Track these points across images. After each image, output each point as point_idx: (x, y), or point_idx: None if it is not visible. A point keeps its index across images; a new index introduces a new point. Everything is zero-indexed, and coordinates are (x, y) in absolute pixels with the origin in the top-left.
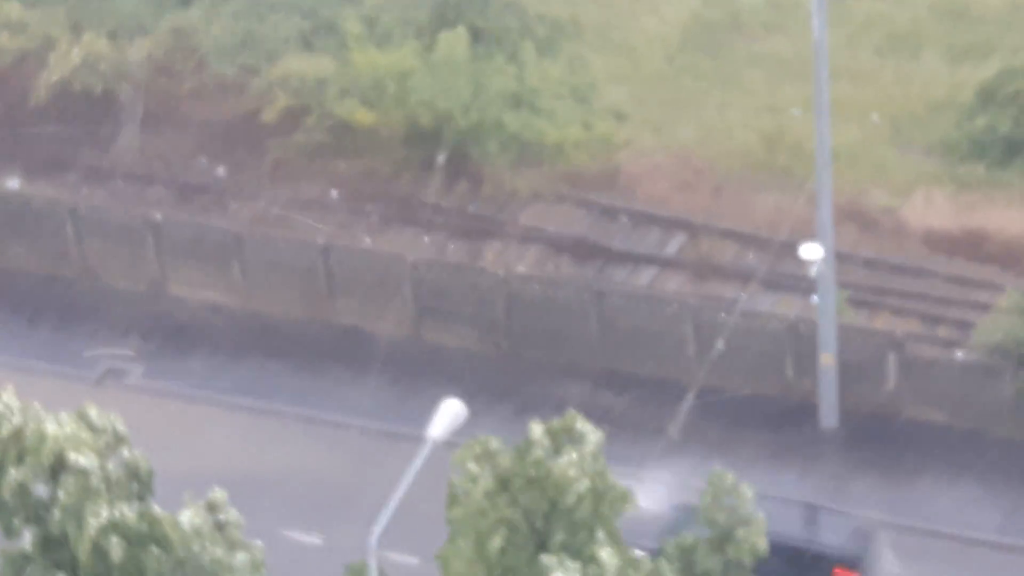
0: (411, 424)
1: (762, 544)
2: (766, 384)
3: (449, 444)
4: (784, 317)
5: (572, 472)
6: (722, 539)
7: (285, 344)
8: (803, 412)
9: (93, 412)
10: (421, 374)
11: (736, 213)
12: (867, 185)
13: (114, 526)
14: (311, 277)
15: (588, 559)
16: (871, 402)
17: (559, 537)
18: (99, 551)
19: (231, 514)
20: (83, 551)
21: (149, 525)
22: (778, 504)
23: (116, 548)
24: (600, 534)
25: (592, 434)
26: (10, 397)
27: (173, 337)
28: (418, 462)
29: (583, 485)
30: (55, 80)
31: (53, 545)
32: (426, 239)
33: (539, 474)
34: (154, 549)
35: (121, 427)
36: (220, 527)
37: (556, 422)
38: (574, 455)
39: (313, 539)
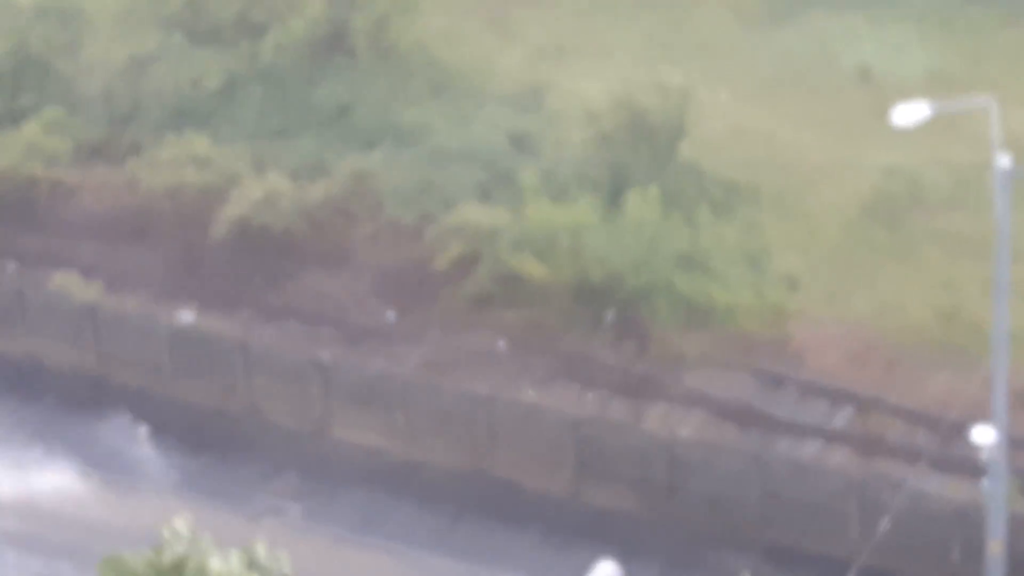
0: None
1: None
2: (930, 568)
3: None
4: (952, 500)
5: None
6: None
7: (441, 493)
8: None
9: (261, 550)
10: (577, 533)
11: (908, 390)
12: None
13: None
14: (473, 427)
15: None
16: None
17: None
18: None
19: None
20: None
21: None
22: None
23: None
24: None
25: None
26: (182, 525)
27: (332, 478)
28: None
29: None
30: (235, 216)
31: None
32: (590, 395)
33: None
34: None
35: (287, 568)
36: None
37: None
38: None
39: None
